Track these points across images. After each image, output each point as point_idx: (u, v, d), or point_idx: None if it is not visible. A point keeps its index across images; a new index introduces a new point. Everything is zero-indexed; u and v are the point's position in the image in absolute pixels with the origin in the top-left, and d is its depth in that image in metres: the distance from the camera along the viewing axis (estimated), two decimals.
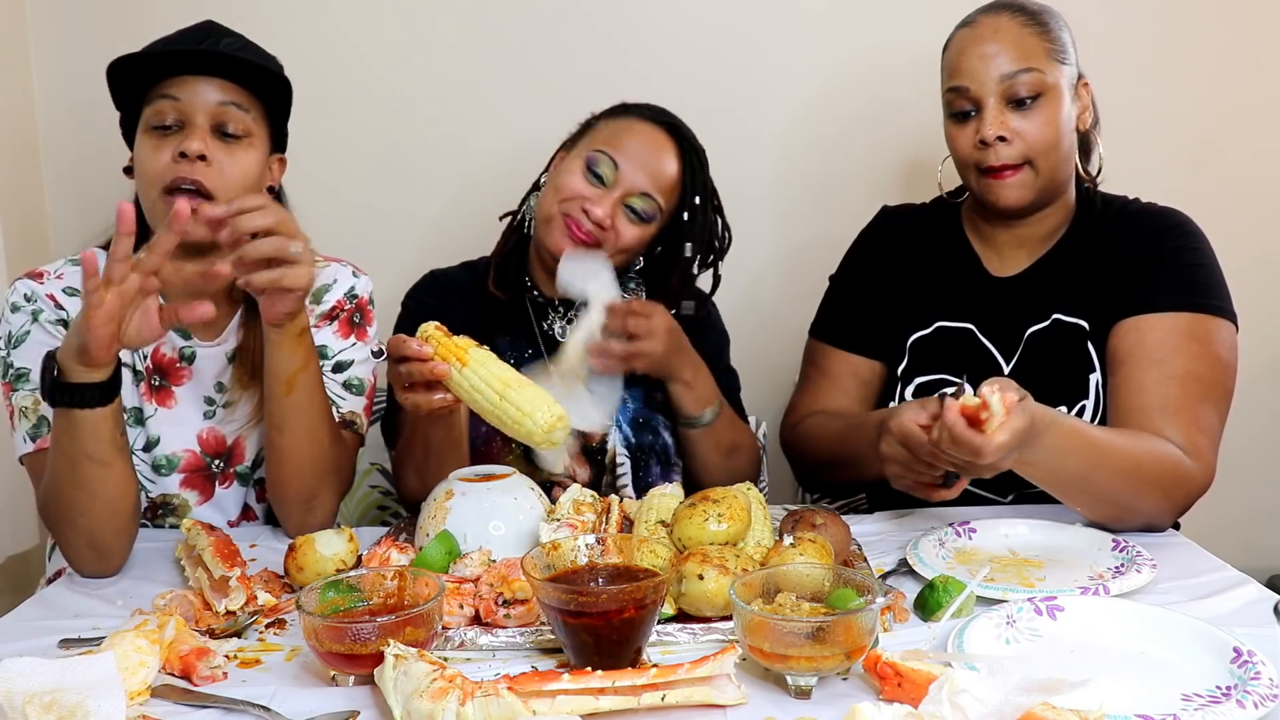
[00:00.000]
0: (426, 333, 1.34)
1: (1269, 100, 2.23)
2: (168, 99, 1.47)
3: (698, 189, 1.66)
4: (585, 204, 1.60)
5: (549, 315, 1.74)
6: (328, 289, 1.65)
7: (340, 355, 1.63)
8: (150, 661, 1.04)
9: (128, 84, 1.51)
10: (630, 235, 1.63)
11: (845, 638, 0.98)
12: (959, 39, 1.58)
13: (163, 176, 1.46)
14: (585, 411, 1.47)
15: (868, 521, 1.53)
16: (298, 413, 1.44)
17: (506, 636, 1.13)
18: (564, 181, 1.63)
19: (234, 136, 1.49)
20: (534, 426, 1.25)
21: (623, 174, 1.61)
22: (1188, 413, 1.44)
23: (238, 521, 1.65)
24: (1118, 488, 1.37)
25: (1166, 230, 1.57)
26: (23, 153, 2.18)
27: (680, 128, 1.68)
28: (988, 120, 1.52)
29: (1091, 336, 1.57)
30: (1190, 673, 1.02)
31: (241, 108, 1.50)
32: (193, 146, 1.44)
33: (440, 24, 2.20)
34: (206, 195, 1.46)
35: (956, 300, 1.66)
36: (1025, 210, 1.60)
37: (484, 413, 1.30)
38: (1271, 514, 2.38)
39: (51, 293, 1.53)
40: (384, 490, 2.07)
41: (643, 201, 1.62)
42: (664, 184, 1.63)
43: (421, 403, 1.35)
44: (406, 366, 1.33)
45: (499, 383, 1.29)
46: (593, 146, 1.63)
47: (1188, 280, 1.52)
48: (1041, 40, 1.53)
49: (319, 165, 2.18)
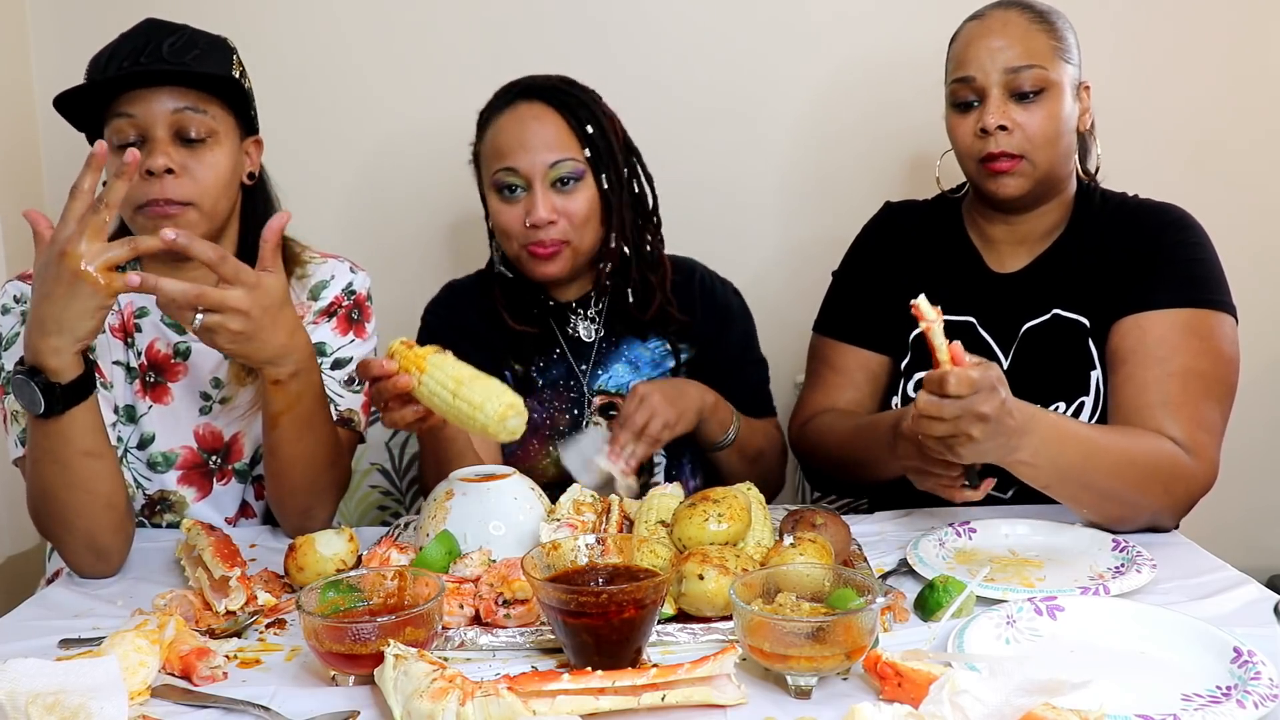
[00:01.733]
0: (392, 349, 1.35)
1: (1268, 99, 2.23)
2: (124, 117, 1.45)
3: (586, 122, 1.60)
4: (527, 220, 1.58)
5: (570, 318, 1.74)
6: (325, 285, 1.65)
7: (339, 352, 1.63)
8: (150, 661, 1.04)
9: (81, 108, 1.49)
10: (578, 204, 1.59)
11: (845, 638, 0.98)
12: (967, 31, 1.60)
13: (134, 196, 1.45)
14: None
15: (868, 521, 1.53)
16: (287, 444, 1.44)
17: (506, 636, 1.13)
18: (500, 222, 1.62)
19: (197, 140, 1.48)
20: (486, 419, 1.25)
21: (525, 169, 1.58)
22: (1189, 409, 1.43)
23: (235, 518, 1.64)
24: (1116, 485, 1.36)
25: (1166, 226, 1.58)
26: (23, 151, 2.18)
27: (534, 86, 1.62)
28: (990, 109, 1.53)
29: (1092, 333, 1.57)
30: (1190, 673, 1.02)
31: (198, 110, 1.48)
32: (157, 164, 1.43)
33: (439, 26, 2.20)
34: (182, 205, 1.46)
35: (957, 295, 1.66)
36: (1023, 204, 1.60)
37: (446, 415, 1.30)
38: (1271, 514, 2.37)
39: None
40: (384, 490, 2.07)
41: (560, 169, 1.58)
42: (564, 142, 1.59)
43: (397, 419, 1.35)
44: (376, 387, 1.34)
45: (452, 382, 1.29)
46: (490, 172, 1.61)
47: (1188, 276, 1.52)
48: (1048, 38, 1.55)
49: (313, 160, 2.18)
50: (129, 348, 1.59)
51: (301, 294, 1.64)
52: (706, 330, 1.75)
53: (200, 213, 1.49)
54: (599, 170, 1.61)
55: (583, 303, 1.74)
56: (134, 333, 1.59)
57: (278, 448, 1.44)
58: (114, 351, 1.58)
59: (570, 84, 1.64)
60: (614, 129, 1.65)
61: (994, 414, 1.22)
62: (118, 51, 1.47)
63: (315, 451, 1.47)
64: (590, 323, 1.74)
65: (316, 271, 1.66)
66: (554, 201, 1.58)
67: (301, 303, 1.63)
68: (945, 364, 1.24)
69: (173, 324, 1.58)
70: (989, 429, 1.23)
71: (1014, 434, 1.26)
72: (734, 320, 1.79)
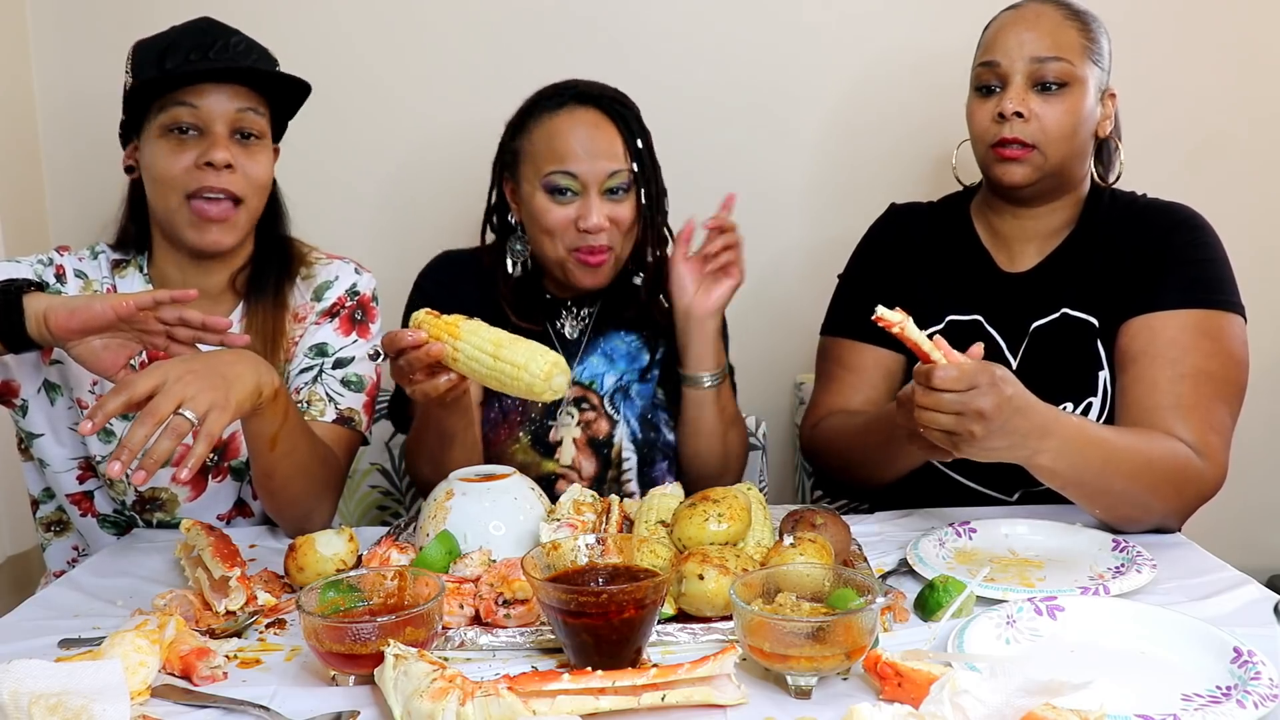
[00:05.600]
0: (418, 320, 1.36)
1: (1273, 97, 2.23)
2: (185, 105, 1.50)
3: (636, 136, 1.62)
4: (579, 225, 1.58)
5: (561, 314, 1.75)
6: (329, 286, 1.66)
7: (340, 352, 1.63)
8: (150, 661, 1.04)
9: (138, 91, 1.52)
10: (626, 211, 1.61)
11: (845, 638, 0.98)
12: (1001, 18, 1.61)
13: (185, 182, 1.50)
14: None
15: (868, 521, 1.53)
16: (286, 460, 1.45)
17: (506, 636, 1.13)
18: (547, 222, 1.60)
19: (251, 138, 1.54)
20: (531, 378, 1.27)
21: (584, 175, 1.58)
22: (1200, 411, 1.43)
23: (230, 516, 1.65)
24: (1132, 488, 1.36)
25: (1175, 226, 1.57)
26: (23, 149, 2.18)
27: (589, 93, 1.63)
28: (1010, 95, 1.54)
29: (1101, 334, 1.57)
30: (1190, 673, 1.02)
31: (257, 111, 1.54)
32: (219, 156, 1.49)
33: (445, 24, 2.20)
34: (235, 199, 1.52)
35: (966, 294, 1.66)
36: (1029, 195, 1.60)
37: (484, 378, 1.31)
38: (1271, 514, 2.37)
39: (63, 265, 1.60)
40: (384, 490, 2.07)
41: (616, 178, 1.59)
42: (619, 152, 1.60)
43: (429, 389, 1.36)
44: (405, 358, 1.34)
45: (491, 345, 1.30)
46: (540, 172, 1.60)
47: (1198, 277, 1.52)
48: (1080, 36, 1.55)
49: (323, 159, 2.18)
50: None
51: (306, 294, 1.65)
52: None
53: (247, 210, 1.55)
54: (640, 184, 1.62)
55: (578, 302, 1.74)
56: None
57: (277, 467, 1.45)
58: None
59: (622, 96, 1.66)
60: (651, 145, 1.66)
61: (993, 411, 1.22)
62: (179, 42, 1.51)
63: (309, 457, 1.48)
64: (578, 321, 1.75)
65: (321, 273, 1.67)
66: (606, 209, 1.59)
67: (306, 303, 1.64)
68: (935, 358, 1.24)
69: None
70: (991, 427, 1.22)
71: (1031, 435, 1.26)
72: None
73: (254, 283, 1.62)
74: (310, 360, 1.62)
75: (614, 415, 1.73)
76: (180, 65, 1.49)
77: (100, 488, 1.64)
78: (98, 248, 1.64)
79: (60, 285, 1.58)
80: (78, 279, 1.60)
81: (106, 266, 1.62)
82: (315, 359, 1.62)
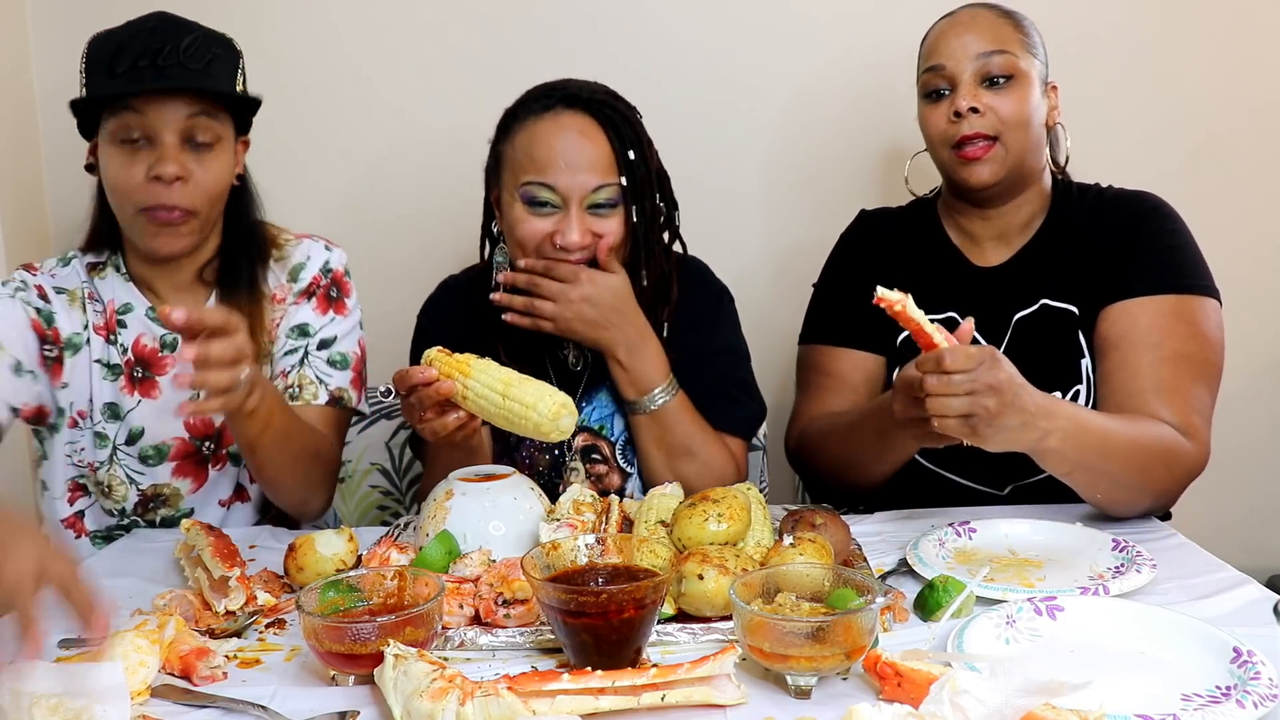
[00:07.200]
0: (429, 357, 1.37)
1: (1273, 95, 2.23)
2: (134, 112, 1.45)
3: (629, 146, 1.50)
4: (558, 240, 1.48)
5: (563, 343, 1.63)
6: (303, 266, 1.66)
7: (322, 332, 1.64)
8: (150, 661, 1.04)
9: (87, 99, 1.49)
10: (613, 227, 1.50)
11: (845, 638, 0.98)
12: (939, 26, 1.66)
13: (137, 197, 1.47)
14: None
15: (868, 521, 1.53)
16: (272, 460, 1.47)
17: (506, 636, 1.13)
18: (520, 233, 1.50)
19: (204, 145, 1.49)
20: (539, 418, 1.28)
21: (564, 188, 1.47)
22: (1181, 394, 1.46)
23: (230, 501, 1.66)
24: (1127, 471, 1.39)
25: (1144, 215, 1.61)
26: (23, 149, 2.18)
27: (579, 95, 1.51)
28: (962, 94, 1.57)
29: (1081, 322, 1.59)
30: (1190, 673, 1.02)
31: (209, 115, 1.48)
32: (168, 171, 1.44)
33: (433, 22, 2.20)
34: (187, 212, 1.48)
35: (942, 292, 1.66)
36: (996, 193, 1.62)
37: (493, 418, 1.32)
38: (1271, 514, 2.37)
39: (41, 285, 1.58)
40: (384, 490, 2.07)
41: (602, 193, 1.48)
42: (606, 165, 1.48)
43: (438, 427, 1.35)
44: (416, 395, 1.34)
45: (501, 384, 1.31)
46: (517, 180, 1.49)
47: (1170, 263, 1.56)
48: (1016, 32, 1.61)
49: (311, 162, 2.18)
50: (111, 344, 1.59)
51: (281, 276, 1.65)
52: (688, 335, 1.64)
53: (200, 220, 1.51)
54: (631, 200, 1.51)
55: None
56: (117, 330, 1.60)
57: (264, 466, 1.48)
58: (94, 350, 1.59)
59: (615, 98, 1.55)
60: (651, 155, 1.56)
61: (1005, 384, 1.23)
62: (128, 45, 1.46)
63: (299, 455, 1.50)
64: (581, 352, 1.64)
65: (294, 253, 1.67)
66: (587, 224, 1.49)
67: (282, 284, 1.65)
68: (938, 340, 1.25)
69: (157, 318, 1.59)
70: (1005, 400, 1.23)
71: (1040, 415, 1.27)
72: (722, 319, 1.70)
73: (226, 271, 1.60)
74: (294, 342, 1.63)
75: (627, 469, 1.64)
76: (128, 70, 1.43)
77: (92, 505, 1.64)
78: (68, 255, 1.62)
79: (47, 304, 1.56)
80: (59, 295, 1.57)
81: (83, 272, 1.60)
82: (299, 339, 1.63)
